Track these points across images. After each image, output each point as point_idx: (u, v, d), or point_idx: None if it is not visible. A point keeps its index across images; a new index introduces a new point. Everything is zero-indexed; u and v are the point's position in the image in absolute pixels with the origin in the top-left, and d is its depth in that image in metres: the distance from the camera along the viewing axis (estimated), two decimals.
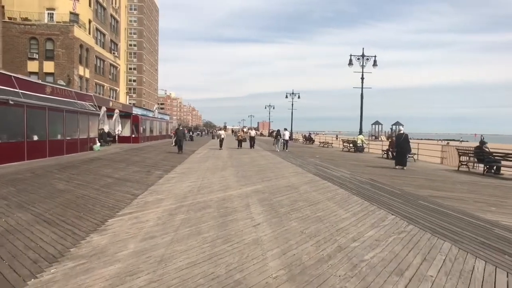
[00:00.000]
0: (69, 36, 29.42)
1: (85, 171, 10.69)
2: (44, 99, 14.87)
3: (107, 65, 39.98)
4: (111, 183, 8.49)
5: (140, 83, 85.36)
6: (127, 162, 13.97)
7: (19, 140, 13.07)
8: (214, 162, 14.88)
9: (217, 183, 8.77)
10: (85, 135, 19.34)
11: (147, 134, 35.59)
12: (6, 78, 12.69)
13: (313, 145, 34.27)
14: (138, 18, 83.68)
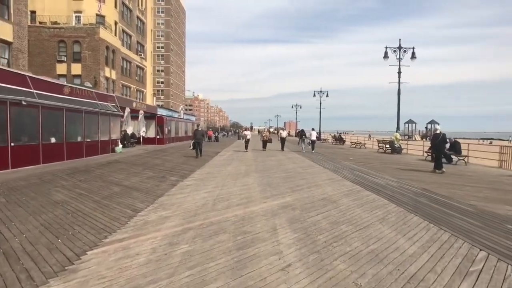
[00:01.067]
0: (95, 38, 29.40)
1: (95, 177, 9.73)
2: (61, 100, 14.26)
3: (134, 67, 40.05)
4: (116, 193, 7.38)
5: (167, 84, 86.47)
6: (144, 165, 12.99)
7: (33, 143, 12.46)
8: (237, 166, 13.56)
9: (238, 194, 7.40)
10: (106, 137, 18.75)
11: (172, 135, 35.12)
12: (20, 78, 12.09)
13: (344, 146, 32.18)
14: (165, 21, 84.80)
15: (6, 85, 11.09)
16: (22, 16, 19.80)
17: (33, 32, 28.39)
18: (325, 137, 45.89)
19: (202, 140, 18.17)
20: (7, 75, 11.44)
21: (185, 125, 43.20)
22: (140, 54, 42.69)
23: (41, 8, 30.52)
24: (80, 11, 31.14)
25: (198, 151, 17.05)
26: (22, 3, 19.76)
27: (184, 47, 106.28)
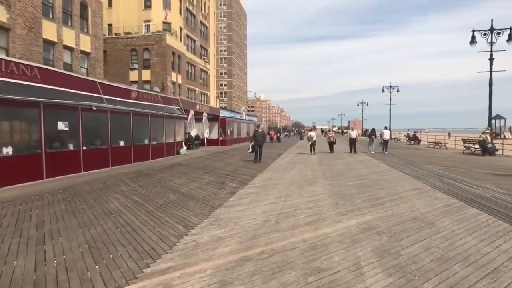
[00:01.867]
0: (162, 44, 30.77)
1: (155, 182, 9.48)
2: (129, 104, 14.70)
3: (198, 71, 41.32)
4: (172, 202, 6.84)
5: (230, 86, 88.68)
6: (205, 169, 12.61)
7: (103, 147, 12.94)
8: (302, 170, 12.41)
9: (305, 208, 6.29)
10: (171, 139, 19.14)
11: (234, 136, 35.27)
12: (91, 84, 12.63)
13: (420, 146, 28.69)
14: (227, 24, 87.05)
15: (78, 92, 11.60)
16: (98, 28, 21.32)
17: (109, 43, 30.84)
18: (397, 136, 41.89)
19: (263, 143, 15.96)
20: (79, 82, 12.00)
21: (247, 126, 43.25)
22: (204, 58, 43.92)
23: (116, 20, 33.05)
24: (149, 20, 32.96)
25: (258, 155, 15.29)
26: (98, 16, 21.28)
27: (246, 49, 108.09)
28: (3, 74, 8.81)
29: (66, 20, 18.41)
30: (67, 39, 18.25)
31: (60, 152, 10.78)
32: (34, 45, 15.87)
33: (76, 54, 19.05)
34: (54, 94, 10.33)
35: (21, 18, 15.28)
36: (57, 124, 10.61)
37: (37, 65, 10.24)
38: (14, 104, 8.96)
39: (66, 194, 7.56)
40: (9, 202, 6.69)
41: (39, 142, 9.86)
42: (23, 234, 4.54)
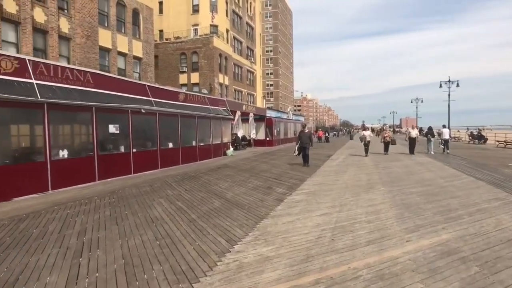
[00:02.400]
0: (210, 46, 31.20)
1: (201, 185, 9.21)
2: (176, 106, 14.82)
3: (244, 71, 41.41)
4: (216, 209, 6.41)
5: (276, 86, 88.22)
6: (251, 171, 12.16)
7: (152, 149, 13.14)
8: (356, 174, 11.37)
9: (364, 221, 5.45)
10: (218, 140, 19.09)
11: (281, 136, 34.64)
12: (140, 87, 12.88)
13: (487, 146, 25.48)
14: (273, 24, 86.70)
15: (128, 95, 11.86)
16: (149, 34, 22.09)
17: (161, 48, 32.09)
18: (457, 135, 37.92)
19: (310, 145, 13.93)
20: (129, 86, 12.27)
21: (294, 126, 42.35)
22: (250, 59, 43.92)
23: (167, 26, 34.28)
24: (197, 24, 33.68)
25: (305, 158, 13.71)
26: (149, 22, 22.04)
27: (292, 48, 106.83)
28: (59, 80, 9.17)
29: (120, 28, 19.28)
30: (120, 46, 19.11)
31: (111, 154, 11.07)
32: (91, 53, 16.79)
33: (129, 59, 19.88)
34: (105, 98, 10.61)
35: (80, 27, 16.23)
36: (108, 127, 10.90)
37: (90, 70, 10.59)
38: (68, 108, 9.29)
39: (113, 197, 7.55)
40: (60, 205, 6.80)
41: (92, 145, 10.17)
42: (64, 244, 4.39)
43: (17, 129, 9.02)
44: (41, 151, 8.55)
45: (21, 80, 8.09)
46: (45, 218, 5.76)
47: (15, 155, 8.37)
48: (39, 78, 8.54)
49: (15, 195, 7.69)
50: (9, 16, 12.96)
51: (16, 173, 7.83)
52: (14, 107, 7.94)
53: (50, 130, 8.72)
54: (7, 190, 7.57)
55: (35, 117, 8.53)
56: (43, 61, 8.92)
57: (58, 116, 9.33)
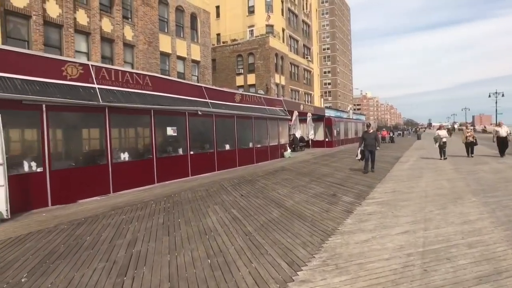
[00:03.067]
0: (266, 47, 30.83)
1: (258, 190, 8.60)
2: (232, 107, 14.53)
3: (301, 70, 40.31)
4: (275, 220, 5.70)
5: (334, 85, 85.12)
6: (312, 175, 11.24)
7: (209, 151, 12.96)
8: (435, 180, 9.77)
9: (462, 244, 4.26)
10: (275, 141, 18.46)
11: (341, 137, 32.83)
12: (197, 89, 12.79)
13: None
14: (330, 21, 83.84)
15: (185, 97, 11.80)
16: (206, 37, 22.39)
17: (218, 51, 32.65)
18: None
19: (375, 147, 11.81)
20: (186, 88, 12.23)
21: (354, 126, 40.02)
22: (307, 57, 42.64)
23: (223, 30, 34.81)
24: (253, 25, 33.57)
25: (369, 163, 11.70)
26: (206, 25, 22.34)
27: (350, 45, 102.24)
28: (120, 84, 9.33)
29: (179, 32, 19.77)
30: (179, 50, 19.58)
31: (169, 157, 11.07)
32: (152, 58, 17.40)
33: (187, 63, 20.30)
34: (163, 100, 10.62)
35: (143, 34, 16.90)
36: (166, 129, 10.91)
37: (148, 74, 10.70)
38: (128, 112, 9.40)
39: (169, 202, 7.29)
40: (118, 209, 6.71)
41: (151, 147, 10.22)
42: (111, 257, 4.05)
43: (81, 133, 9.39)
44: (103, 154, 8.73)
45: (85, 85, 8.32)
46: (101, 224, 5.62)
47: (79, 158, 8.66)
48: (101, 83, 8.73)
49: (79, 197, 7.89)
50: (81, 28, 13.88)
51: (80, 176, 8.04)
52: (78, 112, 8.18)
53: (111, 133, 8.87)
54: (73, 192, 7.79)
55: (97, 121, 8.74)
56: (105, 66, 9.14)
57: (119, 120, 9.50)
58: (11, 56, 6.96)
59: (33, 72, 7.20)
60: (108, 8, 15.26)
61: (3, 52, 6.85)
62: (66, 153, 8.57)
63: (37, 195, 6.96)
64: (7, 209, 5.98)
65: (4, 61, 6.76)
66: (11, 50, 7.10)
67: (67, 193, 7.59)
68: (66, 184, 7.59)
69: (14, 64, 6.89)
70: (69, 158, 8.33)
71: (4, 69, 6.71)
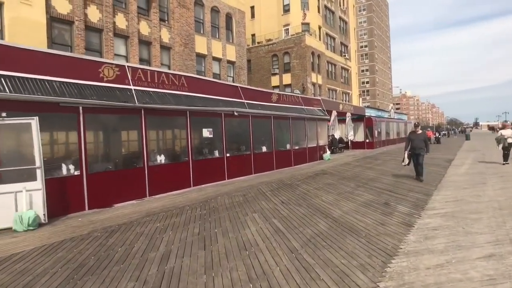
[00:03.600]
0: (302, 45, 29.97)
1: (299, 197, 7.92)
2: (269, 108, 13.95)
3: (338, 69, 38.87)
4: (323, 233, 5.00)
5: (373, 84, 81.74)
6: (356, 180, 10.35)
7: (245, 153, 12.47)
8: (502, 187, 8.46)
9: None
10: (313, 143, 17.61)
11: (382, 138, 31.03)
12: (233, 89, 12.38)
13: None
14: (367, 18, 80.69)
15: (221, 98, 11.42)
16: (241, 37, 22.05)
17: (253, 52, 32.32)
18: None
19: (424, 151, 10.06)
20: (222, 88, 11.85)
21: (396, 126, 37.78)
22: (344, 55, 41.07)
23: (258, 30, 34.44)
24: (288, 24, 32.84)
25: (419, 169, 10.03)
26: (241, 25, 22.01)
27: (389, 41, 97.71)
28: (155, 85, 9.12)
29: (214, 33, 19.60)
30: (215, 51, 19.39)
31: (205, 160, 10.72)
32: (189, 60, 17.33)
33: (223, 64, 20.07)
34: (199, 101, 10.30)
35: (179, 36, 16.89)
36: (202, 131, 10.58)
37: (184, 74, 10.44)
38: (164, 113, 9.16)
39: (205, 209, 6.86)
40: (153, 215, 6.39)
41: (187, 150, 9.92)
42: (141, 276, 3.61)
43: (117, 135, 9.30)
44: (139, 157, 8.53)
45: (121, 86, 8.17)
46: (134, 232, 5.28)
47: (116, 161, 8.53)
48: (137, 84, 8.55)
49: (116, 201, 7.72)
50: (120, 32, 14.07)
51: (117, 179, 7.88)
52: (114, 114, 8.04)
53: (147, 135, 8.66)
54: (110, 196, 7.64)
55: (133, 123, 8.57)
56: (141, 67, 8.96)
57: (155, 121, 9.30)
58: (50, 59, 6.92)
59: (70, 74, 7.13)
60: (145, 11, 15.38)
61: (42, 55, 6.81)
62: (103, 156, 8.50)
63: (74, 199, 6.85)
64: (44, 213, 5.87)
65: (44, 64, 6.73)
66: (49, 53, 7.07)
67: (104, 197, 7.45)
68: (103, 188, 7.44)
69: (52, 67, 6.84)
70: (105, 161, 8.22)
71: (43, 71, 6.67)
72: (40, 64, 6.65)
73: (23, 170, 5.68)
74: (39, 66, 6.61)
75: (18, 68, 6.28)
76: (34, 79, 6.47)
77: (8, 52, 6.24)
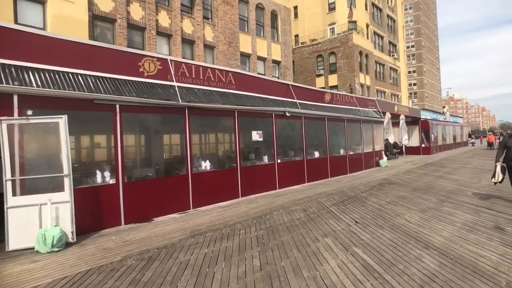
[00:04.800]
0: (349, 44, 28.03)
1: (374, 213, 6.32)
2: (322, 108, 12.42)
3: (387, 69, 36.15)
4: (434, 276, 3.42)
5: (421, 85, 76.44)
6: (433, 193, 8.48)
7: (297, 159, 11.04)
8: None
9: None
10: (369, 148, 15.72)
11: (439, 142, 27.96)
12: (284, 88, 11.03)
13: None
14: (414, 17, 75.87)
15: (271, 97, 10.15)
16: (287, 35, 20.75)
17: (297, 53, 30.90)
18: None
19: None
20: (271, 86, 10.56)
21: (452, 130, 34.19)
22: (393, 55, 38.22)
23: (302, 30, 32.97)
24: (333, 22, 31.03)
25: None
26: (287, 23, 20.72)
27: (437, 41, 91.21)
28: (201, 82, 8.06)
29: (259, 32, 18.50)
30: (260, 50, 18.26)
31: (254, 166, 9.44)
32: (233, 59, 16.35)
33: (268, 63, 18.88)
34: (248, 100, 9.09)
35: (223, 35, 15.98)
36: (252, 134, 9.34)
37: (231, 70, 9.29)
38: (209, 113, 8.04)
39: (261, 228, 5.55)
40: (198, 236, 5.20)
41: (234, 155, 8.73)
42: None
43: (157, 138, 8.31)
44: (182, 162, 7.45)
45: (163, 82, 7.18)
46: (177, 261, 4.09)
47: (156, 168, 7.52)
48: (181, 80, 7.53)
49: (155, 215, 6.68)
50: (162, 30, 13.41)
51: (157, 189, 6.84)
52: (154, 113, 7.04)
53: (191, 138, 7.58)
54: (149, 208, 6.61)
55: (176, 124, 7.54)
56: (185, 61, 7.93)
57: (199, 122, 8.21)
58: (84, 50, 6.06)
59: (106, 68, 6.23)
60: (188, 9, 14.65)
61: (74, 45, 5.94)
62: (142, 162, 7.55)
63: (108, 213, 5.87)
64: (72, 230, 4.89)
65: (77, 56, 5.87)
66: (83, 43, 6.22)
67: (142, 210, 6.43)
68: (141, 199, 6.42)
69: (86, 59, 5.97)
70: (145, 168, 7.24)
71: (75, 64, 5.81)
72: (72, 57, 5.80)
73: (48, 179, 4.76)
74: (71, 58, 5.76)
75: (48, 61, 5.45)
76: (66, 72, 5.61)
77: (38, 41, 5.44)
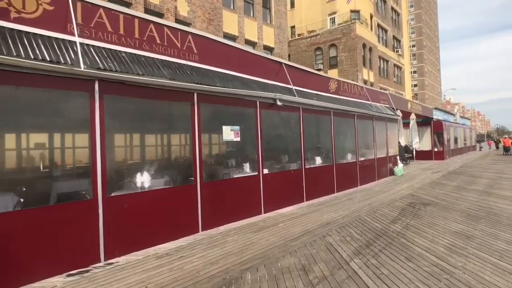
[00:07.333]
0: (351, 36, 25.03)
1: (434, 274, 3.19)
2: (326, 99, 9.30)
3: (391, 66, 33.26)
4: None
5: (422, 87, 73.99)
6: (501, 220, 5.38)
7: (291, 169, 7.85)
8: None
9: None
10: (383, 152, 12.60)
11: (451, 146, 25.02)
12: (275, 67, 7.86)
13: None
14: (415, 15, 73.47)
15: (255, 78, 6.99)
16: (282, 18, 17.65)
17: (293, 46, 27.87)
18: None
19: None
20: (257, 61, 7.37)
21: (463, 132, 31.33)
22: (397, 51, 35.36)
23: (298, 21, 29.96)
24: (334, 12, 28.03)
25: None
26: (282, 4, 17.63)
27: (438, 41, 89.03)
28: (135, 43, 4.87)
29: (248, 11, 15.38)
30: (248, 33, 15.14)
31: (226, 180, 6.22)
32: None
33: (258, 49, 15.74)
34: (217, 79, 5.91)
35: (201, 10, 12.83)
36: (222, 130, 6.14)
37: (192, 31, 6.08)
38: (146, 94, 4.86)
39: None
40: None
41: (192, 164, 5.53)
42: None
43: None
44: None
45: (52, 34, 3.99)
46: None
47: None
48: (93, 36, 4.32)
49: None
50: None
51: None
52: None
53: (103, 138, 4.38)
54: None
55: (76, 110, 4.34)
56: (105, 5, 4.73)
57: (125, 109, 5.02)
58: None
59: None
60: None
61: None
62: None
63: None
64: None
65: None
66: None
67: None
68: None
69: None
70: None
71: None
72: None
73: None
74: None
75: None
76: None
77: None
